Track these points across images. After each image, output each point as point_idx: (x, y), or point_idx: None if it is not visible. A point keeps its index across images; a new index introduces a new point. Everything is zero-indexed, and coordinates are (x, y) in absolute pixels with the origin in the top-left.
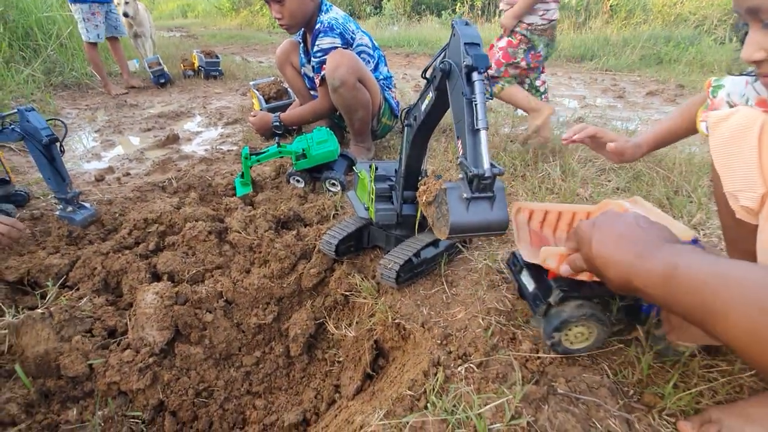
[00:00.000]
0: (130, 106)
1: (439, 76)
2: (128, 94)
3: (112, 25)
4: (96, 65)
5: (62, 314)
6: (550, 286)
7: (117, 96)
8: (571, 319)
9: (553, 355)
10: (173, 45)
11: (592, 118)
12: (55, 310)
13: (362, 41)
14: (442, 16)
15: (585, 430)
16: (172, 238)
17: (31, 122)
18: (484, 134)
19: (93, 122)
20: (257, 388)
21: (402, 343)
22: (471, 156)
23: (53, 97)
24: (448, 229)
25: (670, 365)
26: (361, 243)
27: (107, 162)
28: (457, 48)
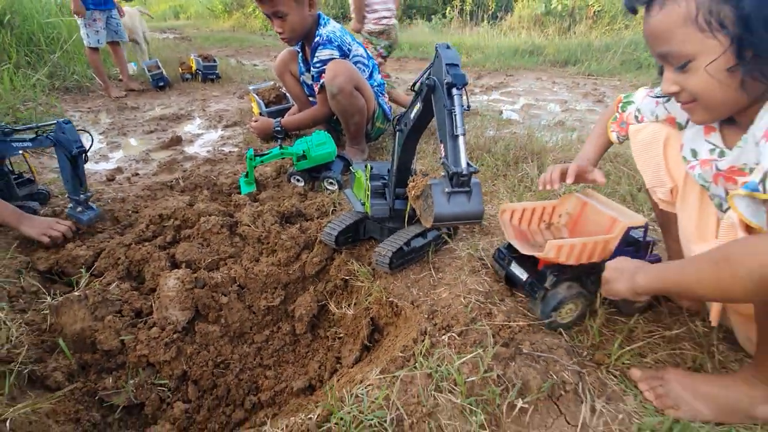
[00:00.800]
0: (131, 109)
1: (425, 90)
2: (128, 96)
3: (112, 30)
4: (97, 69)
5: (96, 297)
6: (544, 273)
7: (117, 99)
8: (565, 299)
9: (521, 324)
10: (168, 48)
11: (572, 121)
12: (90, 293)
13: (358, 52)
14: (432, 20)
15: (543, 380)
16: (187, 232)
17: (66, 134)
18: (462, 139)
19: (96, 124)
20: (268, 361)
21: (395, 318)
22: (451, 157)
23: (57, 100)
24: (433, 218)
25: (619, 332)
26: (358, 234)
27: (115, 163)
28: (440, 67)
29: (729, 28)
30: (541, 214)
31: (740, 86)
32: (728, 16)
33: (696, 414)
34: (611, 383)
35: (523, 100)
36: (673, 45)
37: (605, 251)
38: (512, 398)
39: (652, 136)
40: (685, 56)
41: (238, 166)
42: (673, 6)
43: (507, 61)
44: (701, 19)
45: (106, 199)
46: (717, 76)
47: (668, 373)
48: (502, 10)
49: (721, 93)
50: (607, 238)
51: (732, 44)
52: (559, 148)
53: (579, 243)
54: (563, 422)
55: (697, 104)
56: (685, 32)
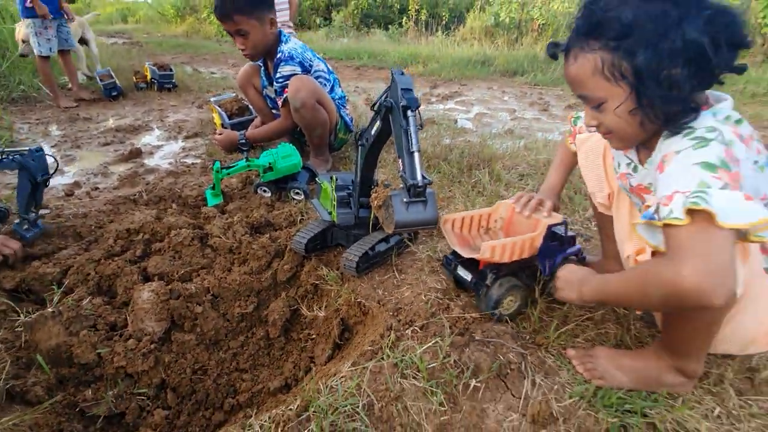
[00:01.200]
0: (84, 120)
1: (383, 110)
2: (79, 107)
3: (63, 38)
4: (47, 78)
5: (69, 312)
6: (485, 272)
7: (67, 109)
8: (505, 293)
9: (474, 315)
10: (119, 54)
11: (520, 129)
12: (63, 309)
13: (318, 67)
14: (389, 29)
15: (492, 362)
16: (158, 245)
17: (35, 161)
18: (417, 155)
19: (47, 137)
20: (244, 365)
21: (363, 317)
22: (408, 171)
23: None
24: (394, 225)
25: (556, 317)
26: (326, 242)
27: (71, 177)
28: (396, 91)
29: (629, 79)
30: (479, 221)
31: (640, 124)
32: (627, 69)
33: (618, 383)
34: (549, 361)
35: (476, 109)
36: (587, 90)
37: (532, 247)
38: (467, 379)
39: (595, 145)
40: (597, 99)
41: (203, 178)
42: (584, 59)
43: (461, 70)
44: (606, 71)
45: (67, 215)
46: (623, 117)
47: (596, 351)
48: (454, 21)
49: (629, 129)
50: (533, 236)
51: (632, 92)
52: (508, 156)
53: (509, 242)
54: (509, 396)
55: (613, 135)
56: (595, 81)
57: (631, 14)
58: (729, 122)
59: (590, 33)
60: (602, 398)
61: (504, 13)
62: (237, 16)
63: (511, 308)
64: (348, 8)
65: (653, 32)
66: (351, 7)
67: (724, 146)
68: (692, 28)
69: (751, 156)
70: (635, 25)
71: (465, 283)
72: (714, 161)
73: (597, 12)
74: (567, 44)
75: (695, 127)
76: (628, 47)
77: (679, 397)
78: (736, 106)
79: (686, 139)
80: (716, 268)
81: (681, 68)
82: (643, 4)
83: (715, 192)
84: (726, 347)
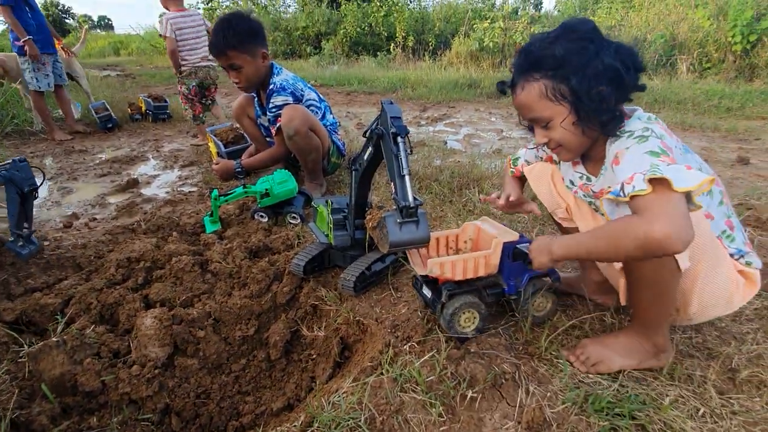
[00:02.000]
0: (79, 152)
1: (375, 138)
2: (74, 139)
3: (57, 73)
4: (42, 112)
5: (73, 341)
6: (441, 290)
7: (62, 142)
8: (458, 309)
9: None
10: (113, 87)
11: (507, 149)
12: (67, 338)
13: (310, 97)
14: (377, 56)
15: (488, 372)
16: (159, 272)
17: (20, 172)
18: (408, 178)
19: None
20: (246, 388)
21: (362, 335)
22: (400, 193)
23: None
24: (388, 245)
25: (546, 328)
26: (324, 263)
27: (69, 209)
28: (386, 120)
29: (568, 98)
30: (447, 242)
31: (583, 133)
32: (565, 90)
33: (611, 361)
34: (542, 369)
35: (464, 130)
36: (536, 112)
37: (489, 265)
38: (464, 390)
39: (541, 172)
40: (545, 119)
41: (200, 206)
42: (530, 87)
43: (449, 93)
44: (550, 94)
45: (66, 246)
46: (569, 129)
47: (583, 343)
48: (441, 46)
49: (575, 139)
50: (486, 254)
51: (572, 108)
52: (496, 175)
53: (459, 260)
54: (505, 404)
55: (562, 148)
56: (542, 103)
57: (561, 50)
58: (654, 120)
59: (531, 68)
60: (593, 403)
61: (487, 39)
62: (231, 51)
63: (468, 327)
64: (337, 37)
65: (580, 61)
66: (340, 35)
67: (659, 140)
68: (607, 56)
69: (677, 144)
70: (566, 57)
71: (426, 301)
72: (656, 150)
73: (534, 52)
74: (513, 80)
75: (632, 130)
76: (564, 74)
77: (666, 396)
78: (712, 120)
79: (630, 138)
80: (678, 222)
81: (605, 86)
82: (567, 43)
83: (665, 167)
84: (714, 311)
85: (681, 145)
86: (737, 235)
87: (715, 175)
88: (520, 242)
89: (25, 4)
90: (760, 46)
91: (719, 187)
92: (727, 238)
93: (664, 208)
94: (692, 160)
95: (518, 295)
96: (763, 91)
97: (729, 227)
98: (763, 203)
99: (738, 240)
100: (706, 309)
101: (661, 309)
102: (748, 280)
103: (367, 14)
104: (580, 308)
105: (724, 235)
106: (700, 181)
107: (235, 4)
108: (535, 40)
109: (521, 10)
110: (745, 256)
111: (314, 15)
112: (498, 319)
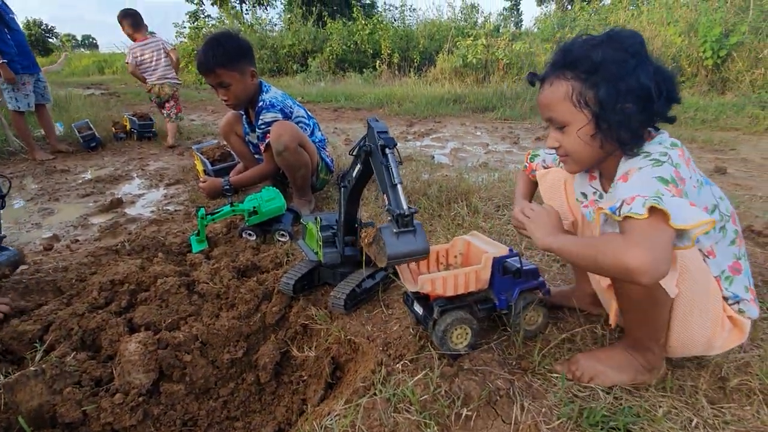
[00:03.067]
0: (61, 172)
1: (363, 154)
2: (56, 159)
3: (39, 93)
4: (23, 132)
5: (53, 370)
6: (432, 306)
7: (43, 162)
8: (450, 325)
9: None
10: (96, 106)
11: (493, 162)
12: (46, 367)
13: (299, 113)
14: (363, 73)
15: (482, 389)
16: (144, 295)
17: None
18: (400, 187)
19: (23, 190)
20: (235, 413)
21: (353, 354)
22: (393, 202)
23: None
24: (387, 258)
25: (538, 342)
26: (313, 281)
27: (50, 230)
28: (374, 135)
29: (591, 107)
30: (437, 257)
31: (600, 146)
32: (591, 98)
33: (606, 377)
34: (536, 384)
35: (451, 145)
36: (555, 113)
37: (480, 280)
38: (458, 408)
39: (555, 179)
40: (563, 122)
41: (186, 225)
42: (558, 85)
43: (434, 108)
44: (575, 97)
45: (47, 270)
46: (583, 139)
47: (576, 357)
48: (425, 63)
49: (586, 151)
50: (476, 269)
51: (593, 118)
52: (484, 188)
53: (450, 275)
54: (500, 422)
55: (569, 158)
56: (563, 105)
57: (600, 55)
58: (676, 147)
59: (566, 66)
60: (587, 417)
61: (471, 55)
62: (219, 69)
63: (461, 343)
64: (323, 54)
65: (615, 73)
66: (326, 53)
67: (673, 168)
68: (644, 75)
69: (694, 175)
70: (602, 64)
71: (418, 318)
72: (667, 177)
73: (574, 51)
74: (545, 74)
75: (651, 152)
76: (595, 81)
77: (659, 408)
78: (689, 132)
79: (645, 159)
80: (655, 255)
81: (633, 104)
82: (609, 51)
83: (668, 198)
84: (693, 350)
85: (701, 176)
86: (740, 279)
87: (734, 212)
88: (510, 256)
89: (2, 23)
90: (730, 61)
91: (735, 226)
92: (726, 279)
93: (647, 237)
94: (707, 194)
95: (509, 310)
96: (735, 104)
97: (732, 270)
98: (741, 211)
99: (737, 284)
100: (685, 345)
101: (651, 330)
102: (736, 328)
103: (353, 32)
104: (571, 321)
105: (723, 275)
106: (698, 221)
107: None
108: (577, 41)
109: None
110: (740, 303)
111: (300, 33)
112: (490, 334)
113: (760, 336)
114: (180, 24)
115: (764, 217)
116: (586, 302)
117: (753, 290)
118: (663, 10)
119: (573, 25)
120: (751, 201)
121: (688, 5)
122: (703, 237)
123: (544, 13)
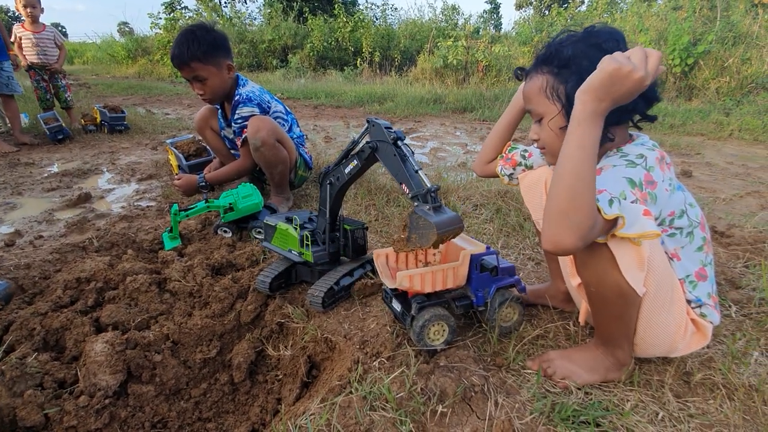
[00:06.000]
0: (26, 165)
1: (368, 151)
2: (20, 151)
3: (3, 83)
4: None
5: (13, 371)
6: (410, 303)
7: (6, 154)
8: (428, 321)
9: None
10: None
11: (472, 162)
12: (6, 368)
13: (276, 108)
14: (344, 70)
15: (457, 385)
16: (112, 293)
17: None
18: (421, 172)
19: None
20: (207, 414)
21: (330, 353)
22: (417, 185)
23: None
24: (436, 228)
25: (513, 339)
26: (290, 279)
27: (12, 226)
28: (380, 131)
29: (561, 100)
30: (416, 255)
31: None
32: (561, 91)
33: (578, 377)
34: (510, 380)
35: (431, 144)
36: (533, 105)
37: (458, 277)
38: (434, 405)
39: (535, 179)
40: (539, 114)
41: (159, 221)
42: (536, 78)
43: (415, 108)
44: (548, 90)
45: (7, 267)
46: (554, 130)
47: (549, 355)
48: (407, 63)
49: (558, 142)
50: (454, 266)
51: (563, 110)
52: (462, 188)
53: (427, 272)
54: (475, 418)
55: (546, 150)
56: (539, 97)
57: (572, 51)
58: (655, 149)
59: (545, 61)
60: (559, 412)
61: (451, 56)
62: (194, 63)
63: (438, 339)
64: (304, 50)
65: (585, 68)
66: (307, 49)
67: (645, 171)
68: None
69: (667, 178)
70: (572, 59)
71: (396, 315)
72: (636, 180)
73: (551, 46)
74: (529, 69)
75: (628, 153)
76: (565, 75)
77: (627, 402)
78: (657, 136)
79: (621, 159)
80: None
81: None
82: (583, 47)
83: (628, 204)
84: (656, 350)
85: (674, 182)
86: (704, 285)
87: (704, 219)
88: (487, 254)
89: None
90: (697, 69)
91: (704, 233)
92: (690, 284)
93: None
94: (678, 199)
95: (486, 307)
96: (701, 110)
97: (698, 276)
98: (705, 213)
99: (701, 290)
100: (648, 346)
101: (620, 328)
102: (699, 332)
103: (334, 29)
104: (544, 317)
105: (687, 279)
106: (643, 231)
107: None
108: (559, 37)
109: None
110: (702, 307)
111: (280, 28)
112: (466, 331)
113: (722, 332)
114: (156, 15)
115: (727, 218)
116: (560, 300)
117: (715, 297)
118: (635, 18)
119: (550, 30)
120: (715, 203)
121: (658, 14)
122: (668, 239)
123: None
